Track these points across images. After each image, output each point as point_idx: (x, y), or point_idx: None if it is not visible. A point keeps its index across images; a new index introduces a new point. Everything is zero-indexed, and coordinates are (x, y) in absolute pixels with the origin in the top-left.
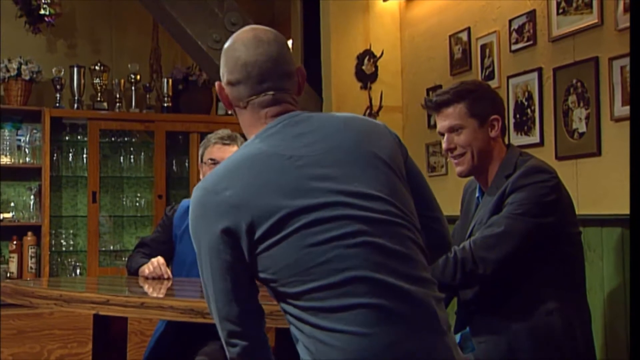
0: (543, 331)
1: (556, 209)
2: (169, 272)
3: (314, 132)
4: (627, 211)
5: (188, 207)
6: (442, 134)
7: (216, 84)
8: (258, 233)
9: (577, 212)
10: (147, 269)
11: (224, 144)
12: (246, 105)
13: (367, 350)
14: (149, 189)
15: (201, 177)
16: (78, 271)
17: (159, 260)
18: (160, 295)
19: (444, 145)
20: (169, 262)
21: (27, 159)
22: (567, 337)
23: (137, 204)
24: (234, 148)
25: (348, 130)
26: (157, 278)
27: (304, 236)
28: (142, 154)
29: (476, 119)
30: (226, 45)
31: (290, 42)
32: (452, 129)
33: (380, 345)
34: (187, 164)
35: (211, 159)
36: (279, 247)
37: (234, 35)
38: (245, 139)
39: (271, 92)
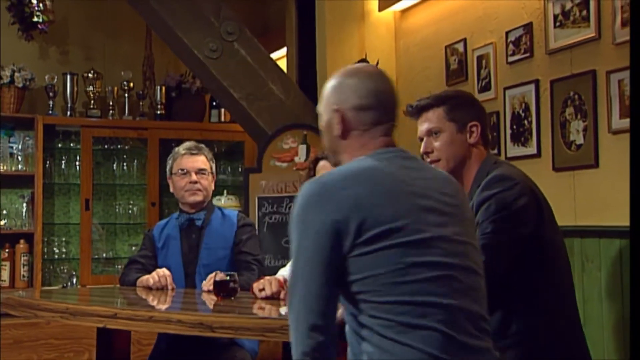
0: (528, 347)
1: (528, 215)
2: (173, 284)
3: (421, 170)
4: (625, 222)
5: (164, 224)
6: (421, 139)
7: (335, 108)
8: (364, 236)
9: (574, 223)
10: (151, 279)
11: (192, 154)
12: (368, 129)
13: None
14: (142, 196)
15: (172, 190)
16: (75, 280)
17: (164, 271)
18: (166, 306)
19: (421, 149)
20: None
21: (20, 167)
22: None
23: (130, 211)
24: (202, 157)
25: (450, 182)
26: (161, 289)
27: (402, 253)
28: (135, 161)
29: (454, 124)
30: (346, 74)
31: (284, 50)
32: (430, 132)
33: None
34: None
35: (181, 169)
36: (376, 254)
37: (355, 67)
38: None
39: (393, 123)
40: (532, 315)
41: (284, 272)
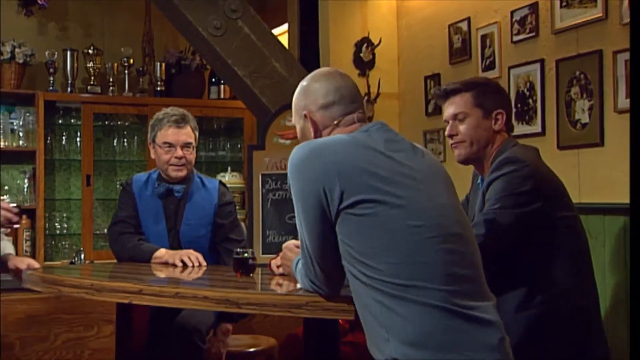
0: (544, 320)
1: (536, 197)
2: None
3: (400, 142)
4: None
5: (144, 182)
6: (447, 122)
7: (304, 114)
8: (346, 202)
9: (579, 201)
10: (178, 261)
11: (179, 127)
12: (338, 123)
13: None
14: (141, 172)
15: (152, 156)
16: (82, 255)
17: (198, 256)
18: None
19: (446, 132)
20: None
21: (21, 143)
22: (572, 322)
23: None
24: (188, 129)
25: (427, 155)
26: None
27: (386, 218)
28: (135, 137)
29: (481, 109)
30: (308, 81)
31: (285, 27)
32: (456, 116)
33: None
34: None
35: (167, 143)
36: (359, 219)
37: (313, 73)
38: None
39: (360, 111)
40: (552, 287)
41: None
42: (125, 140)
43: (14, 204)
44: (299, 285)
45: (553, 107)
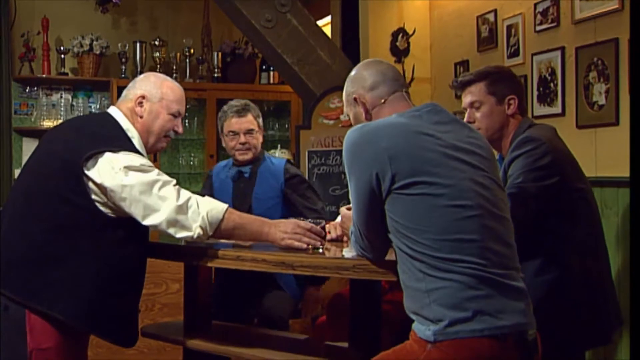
0: (561, 284)
1: (554, 171)
2: None
3: (449, 123)
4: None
5: (223, 167)
6: (466, 109)
7: (354, 98)
8: (397, 184)
9: (595, 175)
10: None
11: (240, 116)
12: (386, 101)
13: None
14: (201, 149)
15: (224, 144)
16: None
17: None
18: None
19: (465, 119)
20: None
21: None
22: (587, 285)
23: (191, 162)
24: (250, 117)
25: (474, 130)
26: None
27: (436, 197)
28: (196, 118)
29: (494, 97)
30: (354, 71)
31: (329, 19)
32: (472, 105)
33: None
34: None
35: (231, 131)
36: (407, 199)
37: (357, 65)
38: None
39: (406, 90)
40: (569, 253)
41: None
42: (186, 121)
43: (320, 221)
44: (345, 251)
45: (572, 90)
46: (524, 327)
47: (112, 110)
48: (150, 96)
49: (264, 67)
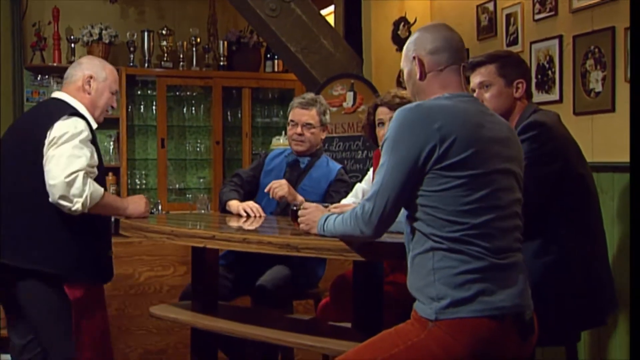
0: (559, 266)
1: (557, 156)
2: (262, 213)
3: (489, 115)
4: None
5: (278, 153)
6: (474, 90)
7: (413, 57)
8: (442, 164)
9: (591, 160)
10: (242, 211)
11: (303, 108)
12: (443, 69)
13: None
14: (207, 136)
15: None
16: (160, 207)
17: (258, 208)
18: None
19: None
20: (255, 192)
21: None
22: (584, 268)
23: (198, 149)
24: (313, 112)
25: (510, 130)
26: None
27: (457, 188)
28: (202, 106)
29: (503, 79)
30: (420, 31)
31: (332, 8)
32: (482, 85)
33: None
34: (239, 115)
35: (292, 120)
36: (442, 181)
37: (426, 25)
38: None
39: (465, 64)
40: (567, 237)
41: (351, 200)
42: (193, 108)
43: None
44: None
45: (570, 77)
46: (522, 308)
47: (59, 94)
48: (97, 76)
49: (268, 55)
